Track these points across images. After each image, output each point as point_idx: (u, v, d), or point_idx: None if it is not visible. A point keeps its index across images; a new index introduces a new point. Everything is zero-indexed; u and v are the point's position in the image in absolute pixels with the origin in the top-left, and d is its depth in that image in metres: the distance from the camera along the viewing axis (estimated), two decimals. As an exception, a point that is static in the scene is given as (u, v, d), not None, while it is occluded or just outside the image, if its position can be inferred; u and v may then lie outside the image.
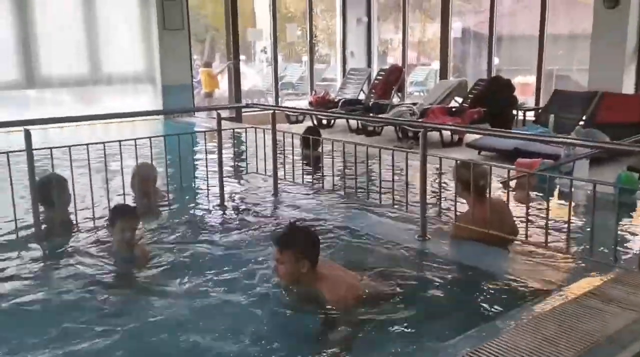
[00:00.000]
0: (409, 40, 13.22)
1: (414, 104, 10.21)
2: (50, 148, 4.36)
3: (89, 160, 4.50)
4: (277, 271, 3.19)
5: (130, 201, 4.69)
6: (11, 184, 4.13)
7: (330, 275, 3.17)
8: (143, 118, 8.83)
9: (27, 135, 4.16)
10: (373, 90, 11.31)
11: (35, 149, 4.21)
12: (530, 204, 4.11)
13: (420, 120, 8.59)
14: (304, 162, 6.08)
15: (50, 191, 4.25)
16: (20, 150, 4.16)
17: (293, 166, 5.49)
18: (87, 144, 4.51)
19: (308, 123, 10.49)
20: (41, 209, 4.30)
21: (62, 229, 4.34)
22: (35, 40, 8.96)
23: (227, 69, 11.71)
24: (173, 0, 9.92)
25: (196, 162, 5.89)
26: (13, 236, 4.21)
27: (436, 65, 13.35)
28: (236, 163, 6.27)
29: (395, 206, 4.67)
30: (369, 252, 4.07)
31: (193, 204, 5.29)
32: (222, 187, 5.17)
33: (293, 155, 5.67)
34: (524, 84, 12.07)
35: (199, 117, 10.17)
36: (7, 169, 4.15)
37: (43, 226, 4.30)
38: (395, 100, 11.30)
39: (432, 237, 4.19)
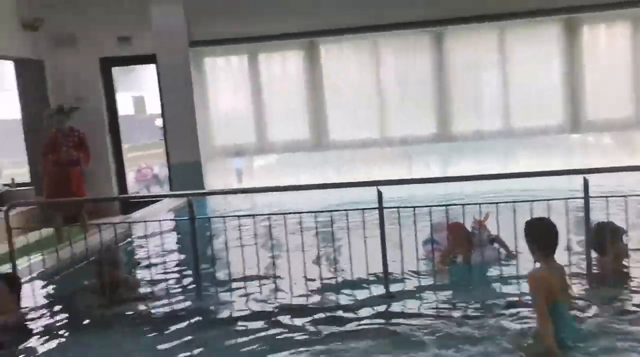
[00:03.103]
0: None
1: None
2: (607, 196, 4.51)
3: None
4: None
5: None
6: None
7: None
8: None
9: (586, 184, 4.38)
10: None
11: (592, 197, 4.41)
12: None
13: None
14: None
15: (604, 238, 4.36)
16: (578, 198, 4.47)
17: None
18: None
19: None
20: (594, 255, 4.50)
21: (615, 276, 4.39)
22: (582, 87, 9.29)
23: None
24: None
25: None
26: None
27: None
28: None
29: None
30: None
31: None
32: None
33: None
34: None
35: None
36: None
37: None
38: None
39: None
